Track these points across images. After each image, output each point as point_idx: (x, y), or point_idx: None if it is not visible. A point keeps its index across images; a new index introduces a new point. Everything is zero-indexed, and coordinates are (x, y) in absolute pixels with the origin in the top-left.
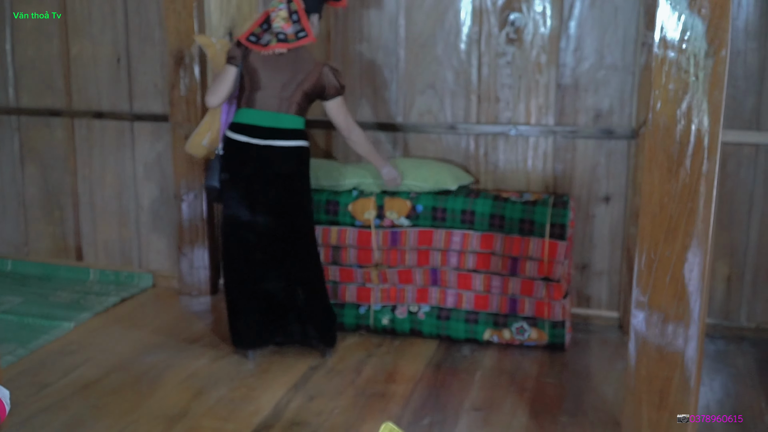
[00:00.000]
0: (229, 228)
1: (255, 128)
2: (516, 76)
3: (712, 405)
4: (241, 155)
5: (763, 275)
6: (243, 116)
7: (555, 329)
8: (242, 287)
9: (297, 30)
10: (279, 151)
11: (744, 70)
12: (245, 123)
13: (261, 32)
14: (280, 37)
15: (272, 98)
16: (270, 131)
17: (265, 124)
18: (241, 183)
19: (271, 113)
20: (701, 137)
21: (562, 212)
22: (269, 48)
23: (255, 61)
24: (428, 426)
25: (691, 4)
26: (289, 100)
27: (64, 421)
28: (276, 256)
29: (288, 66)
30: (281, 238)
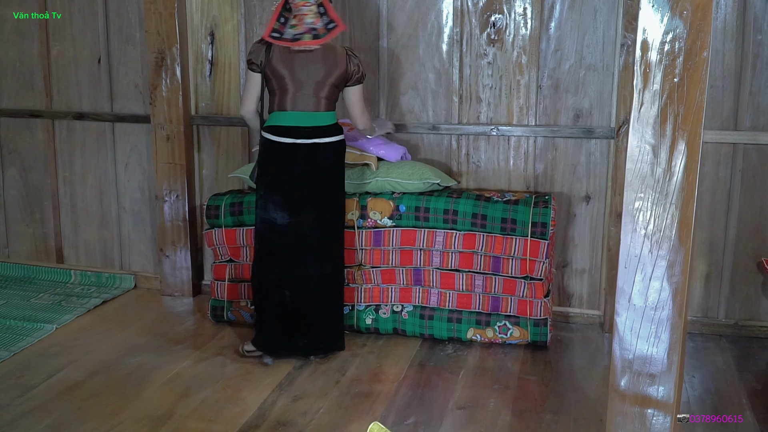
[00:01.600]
0: (267, 232)
1: (298, 129)
2: (497, 76)
3: (692, 401)
4: (288, 157)
5: (742, 273)
6: (282, 119)
7: (537, 327)
8: (273, 293)
9: (326, 22)
10: (325, 148)
11: (722, 70)
12: (287, 125)
13: (281, 26)
14: (314, 33)
15: (309, 98)
16: (314, 130)
17: (308, 124)
18: (288, 185)
19: (310, 113)
20: (682, 137)
21: (543, 211)
22: (301, 44)
23: (281, 61)
24: (413, 425)
25: (673, 6)
26: (326, 98)
27: (49, 424)
28: (310, 257)
29: (320, 62)
30: (321, 238)
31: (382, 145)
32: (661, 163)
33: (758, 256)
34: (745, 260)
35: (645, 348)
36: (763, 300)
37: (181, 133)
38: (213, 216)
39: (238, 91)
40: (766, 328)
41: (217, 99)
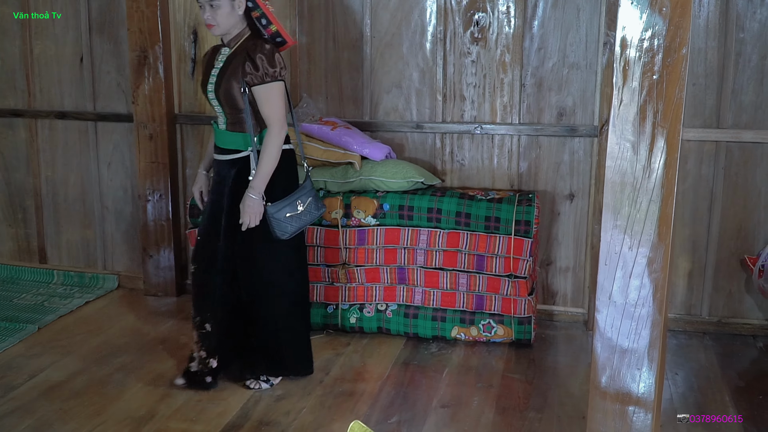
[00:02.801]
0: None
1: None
2: (481, 75)
3: (675, 399)
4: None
5: (725, 270)
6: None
7: (521, 326)
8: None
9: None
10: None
11: (705, 68)
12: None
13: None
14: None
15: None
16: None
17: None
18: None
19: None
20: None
21: (527, 210)
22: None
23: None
24: (397, 424)
25: (652, 3)
26: None
27: (30, 424)
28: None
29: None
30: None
31: (366, 144)
32: (641, 160)
33: (741, 253)
34: (728, 257)
35: (625, 345)
36: (746, 297)
37: (164, 132)
38: (196, 215)
39: None
40: (749, 325)
41: (201, 97)
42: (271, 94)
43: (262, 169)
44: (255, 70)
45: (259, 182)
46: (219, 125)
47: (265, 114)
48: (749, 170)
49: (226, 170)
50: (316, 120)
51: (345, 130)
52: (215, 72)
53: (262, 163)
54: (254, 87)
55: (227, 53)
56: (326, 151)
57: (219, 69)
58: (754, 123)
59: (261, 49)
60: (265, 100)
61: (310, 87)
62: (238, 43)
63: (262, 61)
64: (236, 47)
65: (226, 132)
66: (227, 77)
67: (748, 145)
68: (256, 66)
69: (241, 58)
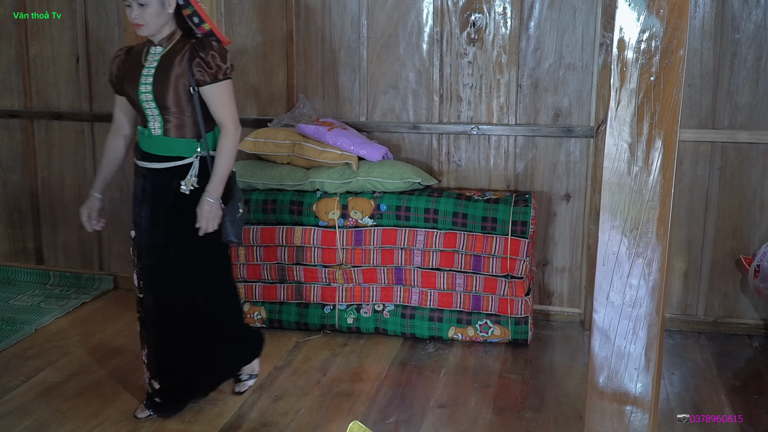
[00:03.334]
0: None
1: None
2: (477, 76)
3: (672, 399)
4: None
5: (720, 270)
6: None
7: (518, 326)
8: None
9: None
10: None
11: (700, 68)
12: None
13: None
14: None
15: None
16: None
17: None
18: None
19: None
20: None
21: (523, 210)
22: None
23: None
24: (394, 424)
25: (649, 4)
26: None
27: (28, 425)
28: None
29: None
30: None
31: (363, 145)
32: (638, 162)
33: (736, 253)
34: (724, 258)
35: (623, 345)
36: (741, 297)
37: None
38: None
39: None
40: (744, 325)
41: None
42: (225, 92)
43: (220, 171)
44: (207, 68)
45: (218, 186)
46: (153, 130)
47: (219, 114)
48: (745, 171)
49: (166, 180)
50: (313, 121)
51: (342, 131)
52: (148, 73)
53: (220, 165)
54: (205, 86)
55: (160, 52)
56: (323, 152)
57: (154, 69)
58: (750, 123)
59: (211, 46)
60: (219, 99)
61: (306, 87)
62: (173, 42)
63: (215, 58)
64: (171, 46)
65: (163, 138)
66: (169, 77)
67: (743, 145)
68: (208, 64)
69: (185, 57)
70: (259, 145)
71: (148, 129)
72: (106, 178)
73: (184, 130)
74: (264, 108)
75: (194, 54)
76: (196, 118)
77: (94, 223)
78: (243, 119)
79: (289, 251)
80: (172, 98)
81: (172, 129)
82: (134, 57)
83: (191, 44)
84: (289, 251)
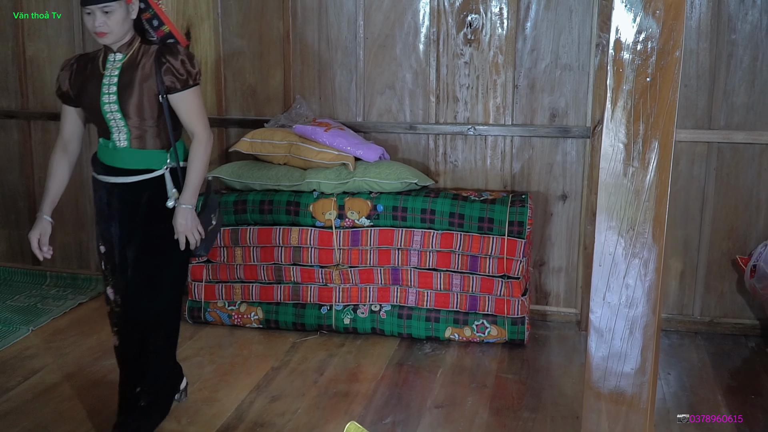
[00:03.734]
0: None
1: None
2: (474, 76)
3: (668, 399)
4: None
5: (716, 270)
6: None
7: (514, 326)
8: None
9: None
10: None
11: (696, 69)
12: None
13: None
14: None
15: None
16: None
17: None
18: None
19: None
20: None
21: (520, 210)
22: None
23: None
24: (391, 424)
25: (645, 5)
26: None
27: (25, 426)
28: None
29: None
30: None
31: (359, 145)
32: (635, 162)
33: (733, 253)
34: (720, 258)
35: (619, 345)
36: (737, 297)
37: None
38: None
39: (214, 91)
40: (741, 325)
41: None
42: (195, 98)
43: (194, 181)
44: (178, 75)
45: (192, 196)
46: (117, 143)
47: (190, 121)
48: (741, 171)
49: (135, 194)
50: (310, 121)
51: (338, 131)
52: (111, 82)
53: (194, 174)
54: (176, 93)
55: (121, 59)
56: (320, 153)
57: (117, 77)
58: (746, 124)
59: (179, 51)
60: (190, 106)
61: (303, 88)
62: (133, 47)
63: (185, 63)
64: (132, 53)
65: (130, 150)
66: (135, 85)
67: (739, 146)
68: (178, 70)
69: (151, 63)
70: (256, 145)
71: (111, 141)
72: (56, 200)
73: (152, 141)
74: (261, 109)
75: (162, 60)
76: (165, 127)
77: (45, 250)
78: (240, 120)
79: (286, 252)
80: (139, 107)
81: (139, 140)
82: (90, 66)
83: (157, 49)
84: (286, 252)
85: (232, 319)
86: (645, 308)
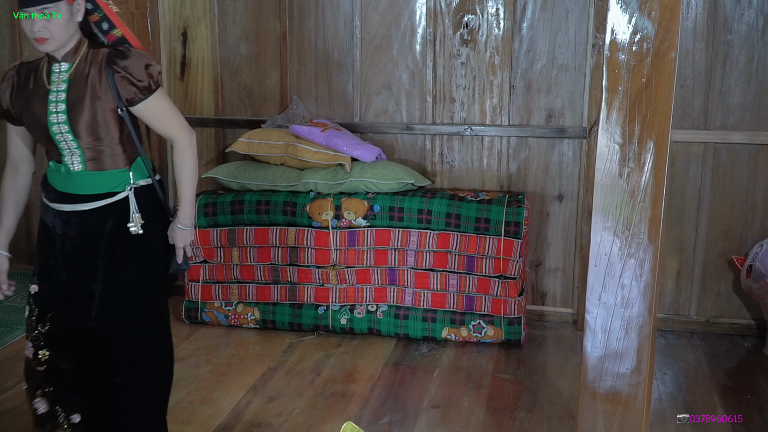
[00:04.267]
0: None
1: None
2: (470, 76)
3: (664, 399)
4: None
5: (712, 270)
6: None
7: (511, 326)
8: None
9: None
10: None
11: (692, 69)
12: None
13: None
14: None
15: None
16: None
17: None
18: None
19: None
20: (651, 137)
21: (516, 211)
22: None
23: None
24: (388, 425)
25: (641, 6)
26: None
27: (21, 426)
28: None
29: None
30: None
31: (356, 146)
32: (630, 163)
33: (729, 253)
34: (716, 258)
35: (615, 345)
36: (733, 297)
37: (152, 135)
38: None
39: (211, 92)
40: (737, 325)
41: (190, 99)
42: (163, 102)
43: (188, 194)
44: (137, 81)
45: (190, 212)
46: (71, 166)
47: (166, 128)
48: (737, 171)
49: (96, 222)
50: (306, 121)
51: (335, 132)
52: (58, 98)
53: (186, 187)
54: (139, 104)
55: (67, 69)
56: (316, 153)
57: (65, 92)
58: (742, 124)
59: (131, 53)
60: (159, 111)
61: (300, 88)
62: (80, 54)
63: (142, 66)
64: (79, 62)
65: (86, 174)
66: (86, 100)
67: (735, 146)
68: (135, 76)
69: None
70: (253, 146)
71: (64, 165)
72: (11, 230)
73: (110, 161)
74: (257, 109)
75: (114, 67)
76: (127, 144)
77: (5, 288)
78: (236, 120)
79: (283, 252)
80: (92, 127)
81: (94, 162)
82: (33, 78)
83: (105, 55)
84: (283, 252)
85: (228, 320)
86: (641, 308)
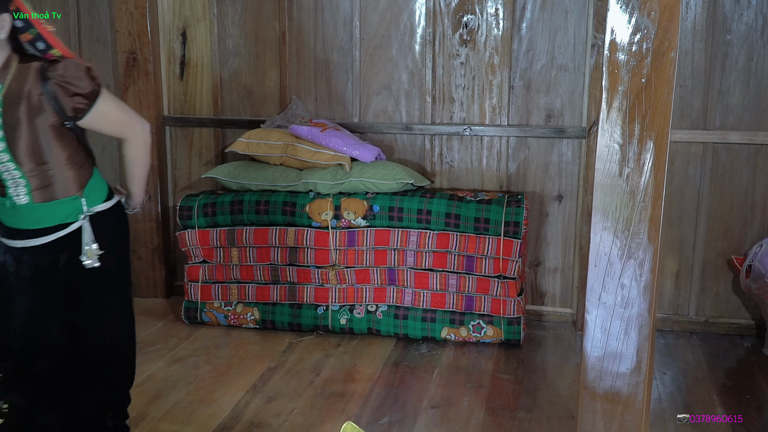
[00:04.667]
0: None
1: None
2: (470, 77)
3: (663, 399)
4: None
5: (712, 270)
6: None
7: (510, 326)
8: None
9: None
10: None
11: (692, 69)
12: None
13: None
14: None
15: None
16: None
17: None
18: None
19: None
20: (651, 137)
21: (516, 211)
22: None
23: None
24: (387, 425)
25: (641, 7)
26: None
27: None
28: None
29: None
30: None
31: (356, 146)
32: (630, 163)
33: (728, 253)
34: (715, 258)
35: (615, 345)
36: (733, 297)
37: (153, 134)
38: (186, 217)
39: (210, 92)
40: (736, 325)
41: (190, 99)
42: (110, 103)
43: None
44: (78, 90)
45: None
46: (16, 199)
47: (120, 129)
48: (736, 171)
49: (50, 256)
50: (306, 121)
51: (335, 132)
52: None
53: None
54: (88, 114)
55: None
56: (316, 153)
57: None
58: (741, 124)
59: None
60: (109, 115)
61: (299, 88)
62: (10, 72)
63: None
64: (10, 80)
65: (33, 206)
66: (23, 124)
67: (734, 146)
68: (76, 84)
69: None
70: (252, 146)
71: (8, 198)
72: None
73: (60, 188)
74: (257, 109)
75: (49, 78)
76: (73, 165)
77: None
78: (236, 120)
79: (282, 252)
80: (34, 150)
81: (42, 191)
82: None
83: (38, 67)
84: (282, 252)
85: (228, 320)
86: (640, 308)
